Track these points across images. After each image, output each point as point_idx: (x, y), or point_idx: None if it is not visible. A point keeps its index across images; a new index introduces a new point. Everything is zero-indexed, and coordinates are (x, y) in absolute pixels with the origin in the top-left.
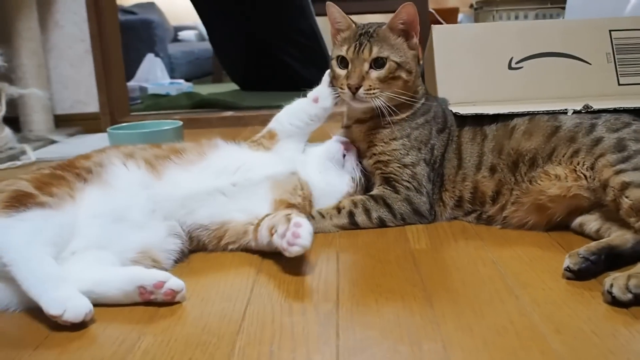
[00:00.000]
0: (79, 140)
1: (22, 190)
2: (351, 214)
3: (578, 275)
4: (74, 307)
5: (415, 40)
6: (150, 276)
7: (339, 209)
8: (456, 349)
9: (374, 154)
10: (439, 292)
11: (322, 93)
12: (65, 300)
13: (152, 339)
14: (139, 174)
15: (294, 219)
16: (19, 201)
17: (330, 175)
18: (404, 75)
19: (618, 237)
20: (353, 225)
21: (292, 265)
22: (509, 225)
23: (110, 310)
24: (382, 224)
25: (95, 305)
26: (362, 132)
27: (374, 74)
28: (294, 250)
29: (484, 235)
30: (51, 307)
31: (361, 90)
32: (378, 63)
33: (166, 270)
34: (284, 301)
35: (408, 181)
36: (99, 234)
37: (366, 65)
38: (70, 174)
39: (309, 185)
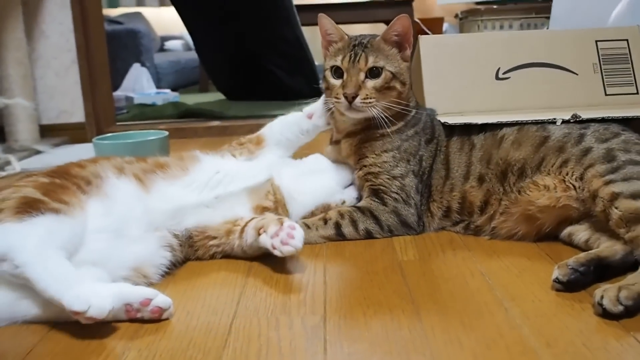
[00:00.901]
0: (64, 150)
1: (30, 196)
2: (338, 225)
3: (567, 286)
4: (99, 303)
5: (409, 52)
6: (136, 293)
7: (325, 220)
8: None
9: (365, 166)
10: (427, 304)
11: (317, 110)
12: (89, 296)
13: (136, 354)
14: (132, 187)
15: (288, 222)
16: (31, 206)
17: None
18: (398, 85)
19: (607, 248)
20: (339, 236)
21: (279, 278)
22: (498, 236)
23: (94, 325)
24: (368, 235)
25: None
26: (353, 145)
27: (370, 83)
28: (286, 249)
29: (472, 246)
30: (75, 304)
31: (358, 99)
32: (374, 73)
33: (153, 284)
34: (270, 315)
35: (396, 193)
36: (99, 249)
37: (362, 75)
38: (70, 184)
39: (281, 190)
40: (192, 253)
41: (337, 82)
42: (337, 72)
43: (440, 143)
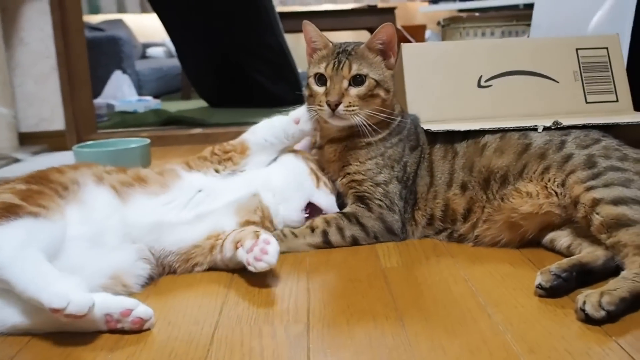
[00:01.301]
0: (44, 158)
1: (8, 202)
2: (325, 233)
3: (550, 292)
4: (78, 299)
5: (393, 60)
6: (117, 303)
7: (312, 228)
8: None
9: (348, 173)
10: (410, 311)
11: (303, 115)
12: (68, 292)
13: None
14: (110, 196)
15: (263, 236)
16: (9, 211)
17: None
18: (382, 93)
19: (589, 253)
20: (326, 244)
21: (262, 286)
22: (482, 244)
23: (73, 334)
24: (355, 242)
25: (60, 332)
26: (337, 152)
27: (354, 91)
28: (259, 266)
29: (455, 252)
30: (54, 301)
31: (341, 107)
32: (357, 80)
33: (134, 293)
34: (253, 324)
35: (380, 199)
36: (76, 256)
37: (345, 82)
38: (47, 189)
39: (269, 209)
40: (172, 270)
41: (320, 90)
42: (321, 79)
43: (424, 150)
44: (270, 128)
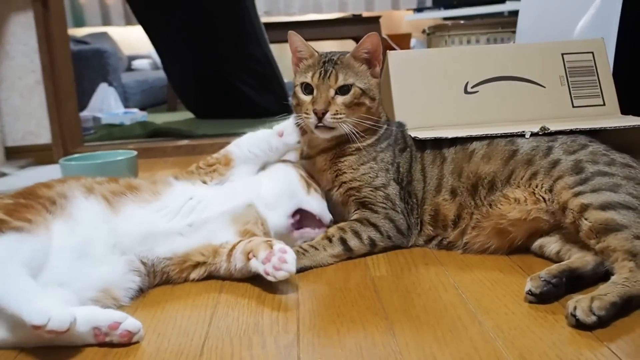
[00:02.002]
0: (30, 172)
1: None
2: (343, 240)
3: (540, 298)
4: (59, 315)
5: (378, 69)
6: (105, 317)
7: (329, 239)
8: None
9: (344, 182)
10: (400, 320)
11: (287, 128)
12: (49, 309)
13: None
14: (99, 207)
15: (277, 245)
16: None
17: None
18: (367, 101)
19: (578, 259)
20: (347, 251)
21: (251, 297)
22: (471, 251)
23: (60, 350)
24: (372, 244)
25: (49, 346)
26: (328, 161)
27: (340, 99)
28: (280, 275)
29: (444, 260)
30: (34, 318)
31: (328, 115)
32: (343, 89)
33: (123, 306)
34: (243, 334)
35: (383, 202)
36: (63, 269)
37: (332, 91)
38: (35, 203)
39: (267, 221)
40: (167, 279)
41: (307, 98)
42: (307, 88)
43: (414, 153)
44: (254, 140)
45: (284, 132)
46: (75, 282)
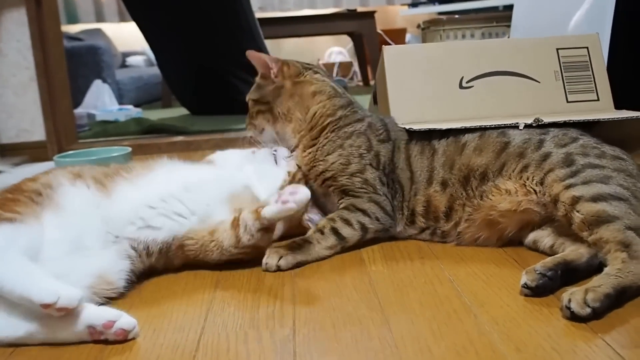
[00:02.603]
0: (25, 169)
1: None
2: (335, 230)
3: (536, 291)
4: (67, 292)
5: (272, 72)
6: (99, 315)
7: (321, 231)
8: None
9: (318, 175)
10: (396, 314)
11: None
12: (57, 287)
13: None
14: (89, 193)
15: (288, 188)
16: None
17: (269, 180)
18: (262, 107)
19: (572, 251)
20: (341, 240)
21: (247, 292)
22: (462, 241)
23: (56, 347)
24: (364, 228)
25: (42, 344)
26: (301, 157)
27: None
28: (298, 198)
29: (439, 254)
30: (44, 297)
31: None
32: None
33: (120, 292)
34: (239, 329)
35: (362, 187)
36: (57, 259)
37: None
38: (21, 197)
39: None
40: (166, 263)
41: None
42: None
43: (397, 144)
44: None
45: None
46: (70, 271)
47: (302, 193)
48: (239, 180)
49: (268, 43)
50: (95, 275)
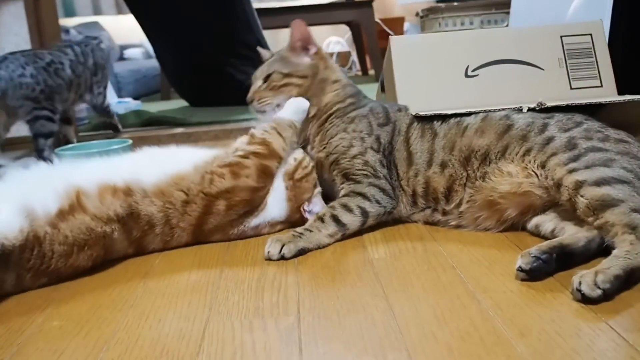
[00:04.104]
0: (26, 163)
1: None
2: (335, 217)
3: (530, 274)
4: None
5: (313, 50)
6: None
7: (321, 219)
8: (421, 358)
9: (324, 159)
10: (400, 300)
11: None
12: None
13: None
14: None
15: None
16: None
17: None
18: (295, 80)
19: (570, 236)
20: (341, 227)
21: (251, 281)
22: (463, 220)
23: (64, 335)
24: (364, 213)
25: (47, 340)
26: (310, 149)
27: (263, 86)
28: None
29: (441, 241)
30: None
31: (255, 102)
32: (266, 79)
33: None
34: (244, 318)
35: (362, 169)
36: None
37: (258, 82)
38: None
39: None
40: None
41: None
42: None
43: (398, 127)
44: None
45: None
46: None
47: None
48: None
49: (266, 33)
50: None
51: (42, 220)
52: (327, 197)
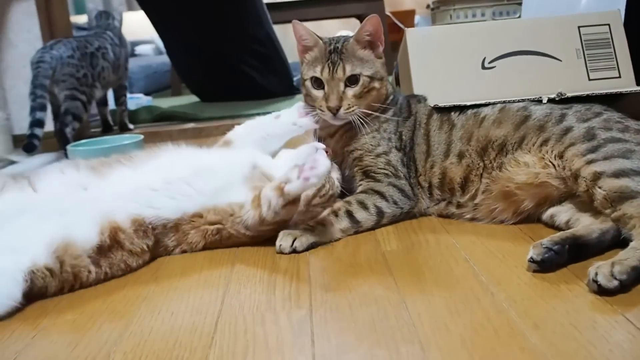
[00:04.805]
0: (38, 159)
1: None
2: (349, 213)
3: (542, 266)
4: None
5: (381, 49)
6: None
7: (335, 213)
8: (434, 350)
9: (351, 152)
10: (413, 293)
11: (285, 111)
12: None
13: (121, 357)
14: (76, 176)
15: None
16: None
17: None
18: (376, 85)
19: (584, 227)
20: (354, 224)
21: (262, 274)
22: (478, 213)
23: (78, 328)
24: (380, 213)
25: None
26: (335, 142)
27: (350, 92)
28: (319, 172)
29: (454, 233)
30: None
31: (341, 111)
32: (351, 80)
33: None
34: (256, 311)
35: (384, 169)
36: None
37: (342, 85)
38: None
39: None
40: (175, 243)
41: (319, 94)
42: (317, 82)
43: (419, 119)
44: (248, 128)
45: (281, 114)
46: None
47: (322, 165)
48: (247, 161)
49: (277, 28)
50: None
51: (83, 257)
52: (345, 193)
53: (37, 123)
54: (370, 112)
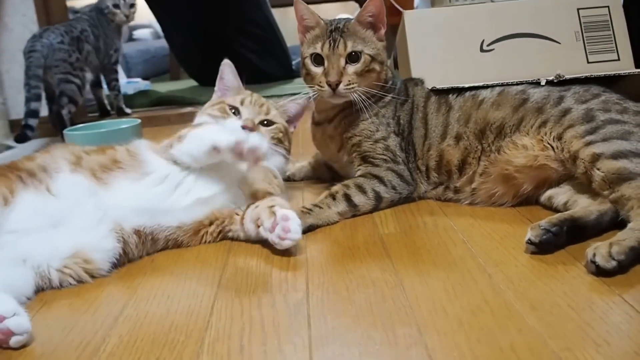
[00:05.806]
0: (35, 144)
1: None
2: (347, 197)
3: (540, 247)
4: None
5: (383, 31)
6: None
7: (333, 196)
8: (431, 332)
9: (349, 138)
10: (410, 275)
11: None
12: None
13: (117, 340)
14: (86, 182)
15: (279, 212)
16: None
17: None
18: (377, 67)
19: (582, 209)
20: (352, 207)
21: (259, 257)
22: (477, 198)
23: (73, 312)
24: (378, 197)
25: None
26: (334, 128)
27: (351, 68)
28: (285, 244)
29: (452, 216)
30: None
31: (341, 86)
32: (353, 57)
33: (104, 273)
34: (252, 294)
35: (382, 154)
36: (24, 240)
37: (342, 61)
38: (10, 174)
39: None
40: (175, 245)
41: (318, 70)
42: (317, 59)
43: (417, 102)
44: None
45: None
46: (37, 252)
47: (294, 232)
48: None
49: (275, 12)
50: (70, 255)
51: None
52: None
53: (32, 114)
54: (371, 92)
